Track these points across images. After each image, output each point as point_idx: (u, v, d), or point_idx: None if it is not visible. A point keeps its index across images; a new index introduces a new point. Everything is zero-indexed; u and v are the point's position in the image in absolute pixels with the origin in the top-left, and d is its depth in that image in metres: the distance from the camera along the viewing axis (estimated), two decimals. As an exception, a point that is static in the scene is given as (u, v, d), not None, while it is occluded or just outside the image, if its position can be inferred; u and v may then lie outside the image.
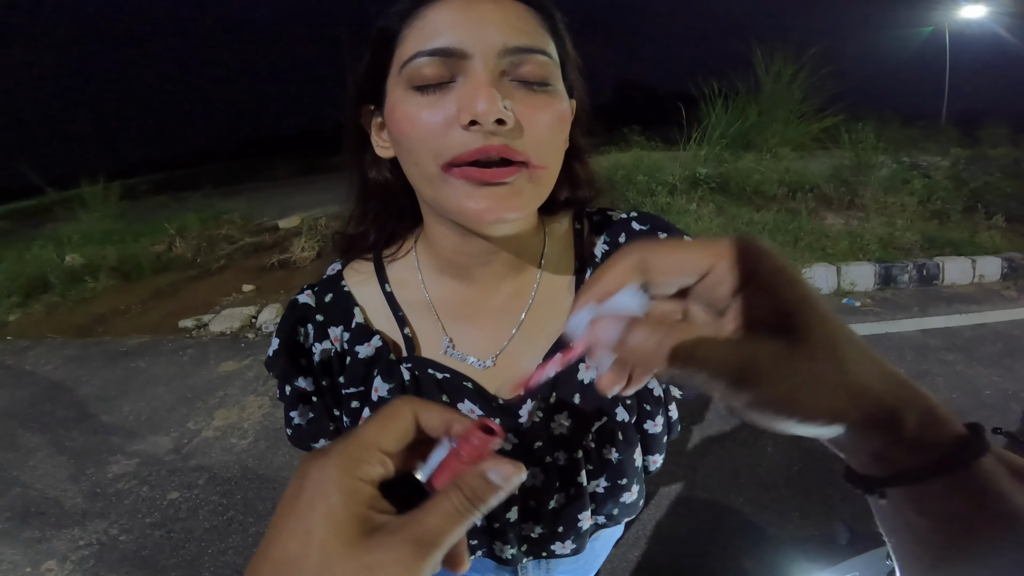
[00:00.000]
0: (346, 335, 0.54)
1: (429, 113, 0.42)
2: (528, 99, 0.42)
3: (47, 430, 2.83)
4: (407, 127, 0.43)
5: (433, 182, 0.43)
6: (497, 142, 0.40)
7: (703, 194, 5.09)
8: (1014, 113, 7.93)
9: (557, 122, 0.44)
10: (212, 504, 2.13)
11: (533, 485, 0.53)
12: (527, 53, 0.42)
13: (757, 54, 6.70)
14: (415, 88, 0.42)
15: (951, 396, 2.44)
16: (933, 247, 4.09)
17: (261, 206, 7.36)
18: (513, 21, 0.42)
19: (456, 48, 0.41)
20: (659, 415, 0.56)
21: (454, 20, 0.41)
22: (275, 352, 0.55)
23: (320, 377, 0.55)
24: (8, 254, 6.01)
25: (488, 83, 0.40)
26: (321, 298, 0.56)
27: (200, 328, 3.91)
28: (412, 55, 0.42)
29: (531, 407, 0.52)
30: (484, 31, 0.41)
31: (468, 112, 0.40)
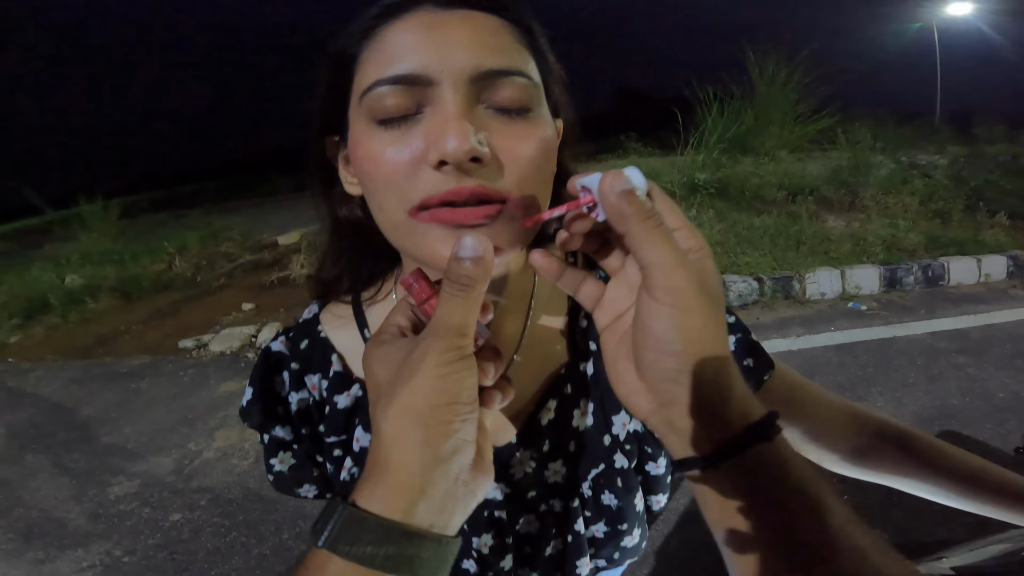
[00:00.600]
0: (324, 383, 0.51)
1: (394, 151, 0.36)
2: (507, 129, 0.37)
3: (49, 451, 2.82)
4: (370, 167, 0.37)
5: (399, 229, 0.38)
6: (471, 183, 0.35)
7: (702, 200, 5.08)
8: (1006, 109, 7.96)
9: (541, 152, 0.38)
10: (214, 526, 2.11)
11: (528, 532, 0.51)
12: (504, 76, 0.37)
13: (750, 57, 6.75)
14: (377, 122, 0.37)
15: (965, 400, 2.41)
16: (937, 247, 4.08)
17: (260, 222, 7.37)
18: (486, 39, 0.37)
19: (420, 74, 0.35)
20: (662, 456, 0.53)
21: (417, 41, 0.36)
22: (249, 402, 0.52)
23: (299, 426, 0.52)
24: (8, 276, 6.02)
25: (458, 115, 0.35)
26: (296, 345, 0.53)
27: (200, 348, 3.89)
28: (371, 84, 0.37)
29: (523, 456, 0.49)
30: (452, 53, 0.36)
31: (436, 151, 0.34)
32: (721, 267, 3.87)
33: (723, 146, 5.94)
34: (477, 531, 0.49)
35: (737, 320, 0.55)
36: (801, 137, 6.74)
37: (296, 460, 0.53)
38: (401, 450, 0.30)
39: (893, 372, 2.70)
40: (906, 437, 0.56)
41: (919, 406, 2.40)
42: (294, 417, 0.52)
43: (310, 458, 0.53)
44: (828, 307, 3.55)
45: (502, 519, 0.49)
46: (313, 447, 0.53)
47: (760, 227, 4.45)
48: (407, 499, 0.30)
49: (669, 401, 0.32)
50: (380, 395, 0.32)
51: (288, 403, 0.52)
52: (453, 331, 0.31)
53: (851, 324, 3.27)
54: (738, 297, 3.63)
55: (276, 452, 0.53)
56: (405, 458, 0.30)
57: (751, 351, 0.53)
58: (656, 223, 0.31)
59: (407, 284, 0.35)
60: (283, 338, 0.54)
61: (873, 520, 1.75)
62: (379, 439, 0.31)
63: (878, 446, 0.56)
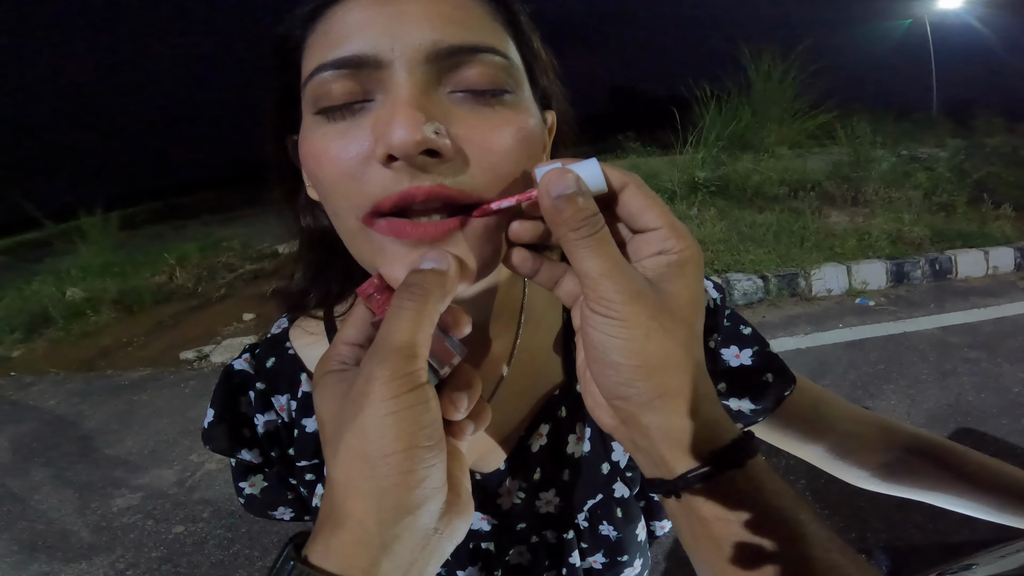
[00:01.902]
0: (293, 404, 0.47)
1: (340, 145, 0.31)
2: (476, 116, 0.31)
3: (52, 464, 2.83)
4: (314, 166, 0.32)
5: (355, 238, 0.33)
6: (428, 182, 0.29)
7: (703, 198, 5.06)
8: (1003, 101, 7.96)
9: (519, 144, 0.32)
10: (217, 538, 2.10)
11: (519, 564, 0.47)
12: (470, 53, 0.31)
13: (745, 54, 6.75)
14: (321, 112, 0.32)
15: (980, 396, 2.37)
16: (943, 241, 4.04)
17: (260, 231, 7.36)
18: (447, 12, 0.31)
19: (368, 55, 0.30)
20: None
21: (366, 18, 0.31)
22: (211, 424, 0.47)
23: (267, 448, 0.47)
24: (9, 290, 6.03)
25: (409, 101, 0.29)
26: (262, 363, 0.48)
27: (201, 359, 3.89)
28: (314, 68, 0.32)
29: (511, 484, 0.45)
30: (405, 29, 0.30)
31: (383, 143, 0.29)
32: (725, 265, 3.84)
33: (722, 144, 5.93)
34: (461, 564, 0.45)
35: (754, 332, 0.51)
36: (800, 133, 6.73)
37: (268, 483, 0.49)
38: (355, 502, 0.26)
39: (905, 369, 2.66)
40: (940, 450, 0.53)
41: (933, 403, 2.36)
42: (262, 440, 0.47)
43: (282, 481, 0.49)
44: (835, 303, 3.52)
45: (489, 551, 0.46)
46: (285, 470, 0.48)
47: (763, 224, 4.42)
48: (366, 557, 0.26)
49: (625, 419, 0.30)
50: (327, 436, 0.28)
51: (255, 424, 0.47)
52: (399, 353, 0.26)
53: (860, 320, 3.23)
54: (744, 295, 3.59)
55: (246, 476, 0.49)
56: (361, 512, 0.26)
57: (770, 365, 0.49)
58: (589, 231, 0.28)
59: (365, 294, 0.30)
60: (247, 355, 0.49)
61: (892, 522, 1.72)
62: (331, 488, 0.27)
63: (910, 461, 0.53)
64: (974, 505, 0.52)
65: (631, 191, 0.30)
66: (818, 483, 1.90)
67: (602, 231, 0.28)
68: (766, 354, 0.50)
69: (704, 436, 0.28)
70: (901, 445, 0.53)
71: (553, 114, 0.41)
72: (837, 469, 0.54)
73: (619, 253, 0.29)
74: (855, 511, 1.78)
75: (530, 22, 0.37)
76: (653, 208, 0.30)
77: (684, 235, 0.30)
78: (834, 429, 0.53)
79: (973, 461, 0.52)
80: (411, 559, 0.27)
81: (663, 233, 0.29)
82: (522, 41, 0.36)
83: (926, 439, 0.54)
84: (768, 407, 0.48)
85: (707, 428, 0.28)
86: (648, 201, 0.30)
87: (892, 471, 0.54)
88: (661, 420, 0.28)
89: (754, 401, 0.48)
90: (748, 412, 0.49)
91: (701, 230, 4.28)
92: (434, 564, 0.29)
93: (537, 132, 0.34)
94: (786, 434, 0.52)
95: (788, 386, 0.49)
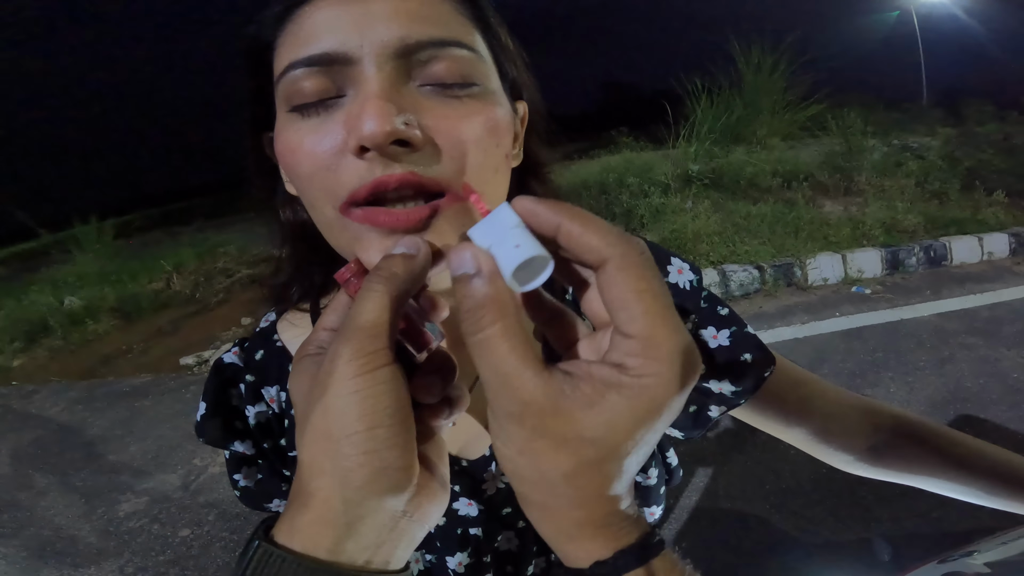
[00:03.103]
0: (283, 395, 0.48)
1: (313, 140, 0.32)
2: (445, 108, 0.32)
3: (57, 471, 2.85)
4: (290, 160, 0.34)
5: (333, 228, 0.34)
6: (399, 169, 0.30)
7: (697, 191, 5.07)
8: (991, 90, 7.99)
9: (488, 133, 0.33)
10: (223, 540, 2.12)
11: (508, 550, 0.48)
12: (437, 47, 0.32)
13: (735, 47, 6.76)
14: (294, 109, 0.33)
15: (978, 382, 2.39)
16: (937, 228, 4.06)
17: (256, 236, 7.33)
18: (414, 8, 0.32)
19: (338, 52, 0.31)
20: (653, 467, 0.50)
21: (334, 17, 0.32)
22: (203, 417, 0.48)
23: (260, 440, 0.48)
24: (7, 300, 6.01)
25: (378, 94, 0.30)
26: (251, 356, 0.49)
27: (201, 364, 3.89)
28: (286, 67, 0.33)
29: (496, 470, 0.46)
30: (373, 25, 0.31)
31: (355, 135, 0.30)
32: (720, 257, 3.86)
33: (714, 136, 5.94)
34: (451, 549, 0.46)
35: (732, 313, 0.50)
36: (792, 124, 6.74)
37: (262, 475, 0.50)
38: (321, 481, 0.26)
39: (903, 356, 2.67)
40: (928, 433, 0.53)
41: (932, 390, 2.38)
42: (254, 431, 0.48)
43: (276, 472, 0.50)
44: (832, 292, 3.54)
45: (478, 536, 0.46)
46: (278, 461, 0.49)
47: (757, 215, 4.44)
48: (331, 536, 0.26)
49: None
50: (298, 417, 0.28)
51: (246, 416, 0.48)
52: (363, 332, 0.26)
53: (856, 309, 3.25)
54: (740, 286, 3.61)
55: (239, 467, 0.50)
56: (325, 491, 0.26)
57: (748, 346, 0.48)
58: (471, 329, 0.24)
59: (343, 278, 0.31)
60: (237, 349, 0.50)
61: (895, 511, 1.73)
62: (299, 468, 0.27)
63: (897, 444, 0.53)
64: (964, 488, 0.52)
65: (610, 272, 0.23)
66: (819, 473, 1.92)
67: (486, 331, 0.23)
68: (744, 335, 0.49)
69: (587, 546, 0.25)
70: (888, 428, 0.53)
71: (524, 104, 0.42)
72: (821, 452, 0.54)
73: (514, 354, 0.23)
74: (858, 500, 1.79)
75: (498, 16, 0.39)
76: (631, 307, 0.23)
77: (661, 358, 0.23)
78: (817, 412, 0.52)
79: (962, 444, 0.52)
80: (378, 540, 0.27)
81: (630, 346, 0.23)
82: (490, 34, 0.37)
83: (915, 422, 0.54)
84: (748, 388, 0.48)
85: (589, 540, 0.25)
86: (627, 294, 0.23)
87: (879, 455, 0.53)
88: (534, 520, 0.27)
89: (734, 383, 0.48)
90: (729, 394, 0.48)
91: (696, 223, 4.29)
92: (403, 547, 0.29)
93: (506, 122, 0.35)
94: (768, 416, 0.52)
95: (768, 367, 0.49)
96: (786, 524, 1.78)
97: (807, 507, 1.82)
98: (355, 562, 0.26)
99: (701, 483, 2.00)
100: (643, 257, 0.24)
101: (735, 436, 2.18)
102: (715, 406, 0.50)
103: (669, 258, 0.50)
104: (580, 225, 0.24)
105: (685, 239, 4.08)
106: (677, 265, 0.49)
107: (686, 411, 0.51)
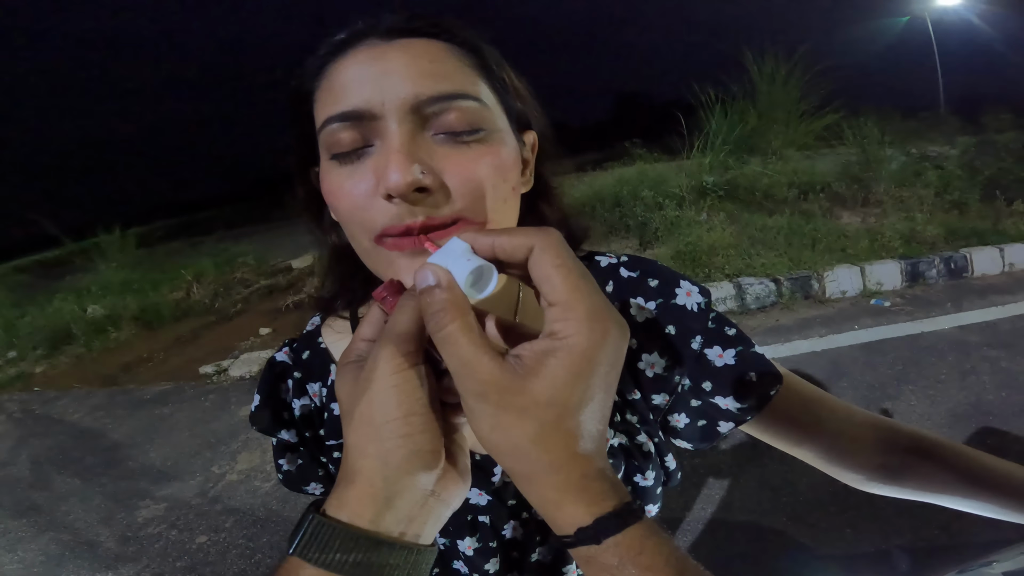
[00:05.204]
0: (324, 391, 0.54)
1: (351, 184, 0.38)
2: (456, 153, 0.38)
3: (77, 476, 2.90)
4: (333, 200, 0.40)
5: (369, 255, 0.41)
6: (421, 215, 0.36)
7: (712, 203, 5.05)
8: (1010, 97, 7.85)
9: (494, 172, 0.39)
10: (240, 547, 2.13)
11: (515, 538, 0.51)
12: (447, 101, 0.37)
13: (748, 57, 6.74)
14: (334, 156, 0.39)
15: (1001, 395, 2.34)
16: (957, 239, 3.99)
17: (274, 247, 7.47)
18: (425, 67, 0.38)
19: (364, 109, 0.37)
20: (650, 468, 0.52)
21: (360, 76, 0.38)
22: (257, 408, 0.56)
23: (302, 429, 0.55)
24: (31, 307, 6.17)
25: (399, 148, 0.36)
26: (299, 355, 0.57)
27: (220, 373, 3.95)
28: (324, 121, 0.39)
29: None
30: (391, 85, 0.37)
31: (383, 186, 0.36)
32: (736, 270, 3.83)
33: (729, 148, 5.90)
34: (460, 534, 0.51)
35: (739, 333, 0.52)
36: (807, 134, 6.68)
37: (302, 460, 0.56)
38: (365, 461, 0.31)
39: (924, 369, 2.63)
40: (943, 451, 0.53)
41: (954, 403, 2.33)
42: (298, 421, 0.55)
43: (315, 459, 0.56)
44: (850, 305, 3.49)
45: (485, 524, 0.50)
46: (317, 449, 0.56)
47: (773, 227, 4.39)
48: (372, 509, 0.30)
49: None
50: (344, 408, 0.33)
51: (292, 408, 0.55)
52: (400, 338, 0.31)
53: (875, 321, 3.20)
54: (756, 299, 3.58)
55: (284, 453, 0.56)
56: (368, 469, 0.31)
57: (753, 365, 0.50)
58: (435, 328, 0.29)
59: (380, 296, 0.35)
60: (287, 348, 0.58)
61: (914, 523, 1.70)
62: (347, 450, 0.32)
63: (911, 463, 0.53)
64: (981, 505, 0.52)
65: (534, 256, 0.30)
66: (836, 485, 1.87)
67: (447, 328, 0.29)
68: (750, 354, 0.50)
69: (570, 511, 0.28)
70: (903, 447, 0.53)
71: (533, 134, 0.47)
72: (832, 470, 0.55)
73: (472, 344, 0.28)
74: (876, 512, 1.76)
75: (499, 58, 0.44)
76: (551, 279, 0.29)
77: (579, 317, 0.28)
78: (828, 430, 0.53)
79: (978, 462, 0.52)
80: (410, 515, 0.32)
81: (554, 312, 0.28)
82: (493, 78, 0.42)
83: (929, 440, 0.54)
84: (754, 405, 0.49)
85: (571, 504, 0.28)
86: (548, 270, 0.29)
87: (892, 473, 0.53)
88: (524, 492, 0.30)
89: (738, 400, 0.49)
90: (735, 411, 0.50)
91: (711, 235, 4.27)
92: (431, 524, 0.33)
93: (511, 158, 0.41)
94: (778, 433, 0.53)
95: (774, 385, 0.50)
96: (803, 537, 1.75)
97: (824, 519, 1.79)
98: (391, 533, 0.31)
99: (717, 495, 1.97)
100: (559, 241, 0.30)
101: (751, 448, 2.15)
102: (723, 421, 0.51)
103: (678, 280, 0.52)
104: (507, 235, 0.31)
105: (700, 252, 4.05)
106: (686, 288, 0.52)
107: (695, 424, 0.52)
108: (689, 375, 0.51)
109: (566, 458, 0.28)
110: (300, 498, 2.34)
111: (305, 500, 0.48)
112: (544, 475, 0.28)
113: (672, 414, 0.53)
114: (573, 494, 0.28)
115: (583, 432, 0.28)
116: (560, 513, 0.29)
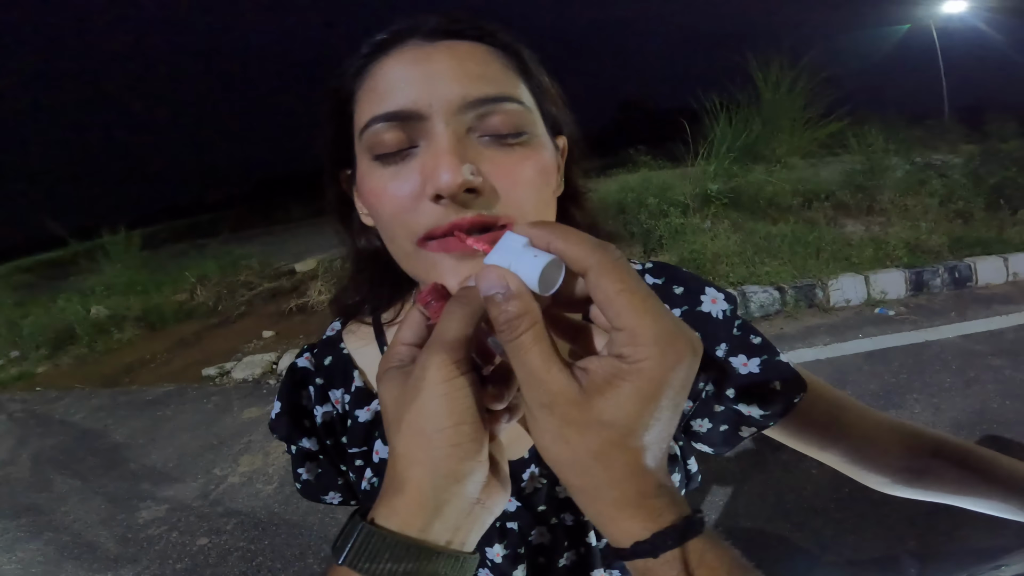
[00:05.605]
0: (347, 398, 0.54)
1: (395, 186, 0.38)
2: (502, 156, 0.38)
3: (78, 477, 2.90)
4: (375, 202, 0.39)
5: (410, 258, 0.40)
6: (470, 214, 0.36)
7: (716, 211, 5.05)
8: (1015, 105, 7.82)
9: (538, 175, 0.39)
10: (241, 550, 2.12)
11: (541, 543, 0.51)
12: (493, 103, 0.37)
13: (753, 64, 6.76)
14: (377, 158, 0.38)
15: (1005, 403, 2.33)
16: (962, 248, 3.98)
17: (278, 250, 7.50)
18: (472, 69, 0.38)
19: (411, 110, 0.37)
20: (675, 471, 0.53)
21: (406, 76, 0.38)
22: (277, 415, 0.55)
23: (324, 437, 0.54)
24: (35, 307, 6.19)
25: (449, 149, 0.35)
26: (320, 361, 0.56)
27: (223, 375, 3.95)
28: (367, 121, 0.38)
29: (534, 471, 0.50)
30: (439, 86, 0.37)
31: (432, 186, 0.35)
32: (740, 278, 3.82)
33: (733, 155, 5.90)
34: (489, 541, 0.50)
35: (765, 342, 0.52)
36: (811, 142, 6.70)
37: (322, 469, 0.55)
38: (414, 470, 0.31)
39: (928, 378, 2.62)
40: (968, 455, 0.54)
41: (958, 411, 2.32)
42: (319, 429, 0.54)
43: (335, 467, 0.55)
44: (854, 314, 3.48)
45: (513, 530, 0.50)
46: (337, 457, 0.55)
47: (777, 235, 4.39)
48: (423, 517, 0.30)
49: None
50: (390, 415, 0.32)
51: (314, 416, 0.54)
52: (450, 346, 0.30)
53: (880, 330, 3.19)
54: (760, 308, 3.57)
55: (303, 462, 0.55)
56: (418, 478, 0.30)
57: (778, 373, 0.51)
58: (508, 336, 0.28)
59: (424, 301, 0.35)
60: (308, 354, 0.57)
61: (920, 530, 1.69)
62: (394, 458, 0.32)
63: (936, 467, 0.53)
64: (1003, 507, 0.52)
65: (593, 279, 0.28)
66: (842, 492, 1.87)
67: (520, 338, 0.28)
68: (774, 363, 0.51)
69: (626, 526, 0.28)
70: (927, 451, 0.54)
71: (564, 138, 0.47)
72: (857, 474, 0.55)
73: (543, 355, 0.28)
74: (881, 519, 1.75)
75: (537, 63, 0.44)
76: (616, 302, 0.27)
77: (648, 343, 0.26)
78: (853, 434, 0.53)
79: (1002, 466, 0.53)
80: (457, 523, 0.31)
81: (622, 337, 0.27)
82: (532, 82, 0.42)
83: (954, 444, 0.54)
84: (777, 413, 0.50)
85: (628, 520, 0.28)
86: (611, 293, 0.27)
87: (916, 476, 0.54)
88: (580, 504, 0.30)
89: (762, 407, 0.50)
90: (758, 417, 0.50)
91: (715, 243, 4.26)
92: (476, 532, 0.33)
93: (551, 162, 0.41)
94: (803, 438, 0.54)
95: (797, 393, 0.50)
96: (808, 543, 1.74)
97: (828, 526, 1.78)
98: (439, 541, 0.31)
99: (720, 501, 1.96)
100: (617, 261, 0.28)
101: (755, 455, 2.14)
102: (746, 427, 0.52)
103: (704, 288, 0.53)
104: (563, 241, 0.29)
105: (704, 260, 4.05)
106: (711, 295, 0.52)
107: (717, 429, 0.53)
108: (713, 382, 0.51)
109: (626, 475, 0.28)
110: (302, 502, 2.33)
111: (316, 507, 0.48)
112: (602, 490, 0.28)
113: (695, 419, 0.53)
114: (630, 510, 0.28)
115: (646, 451, 0.28)
116: (616, 528, 0.28)
